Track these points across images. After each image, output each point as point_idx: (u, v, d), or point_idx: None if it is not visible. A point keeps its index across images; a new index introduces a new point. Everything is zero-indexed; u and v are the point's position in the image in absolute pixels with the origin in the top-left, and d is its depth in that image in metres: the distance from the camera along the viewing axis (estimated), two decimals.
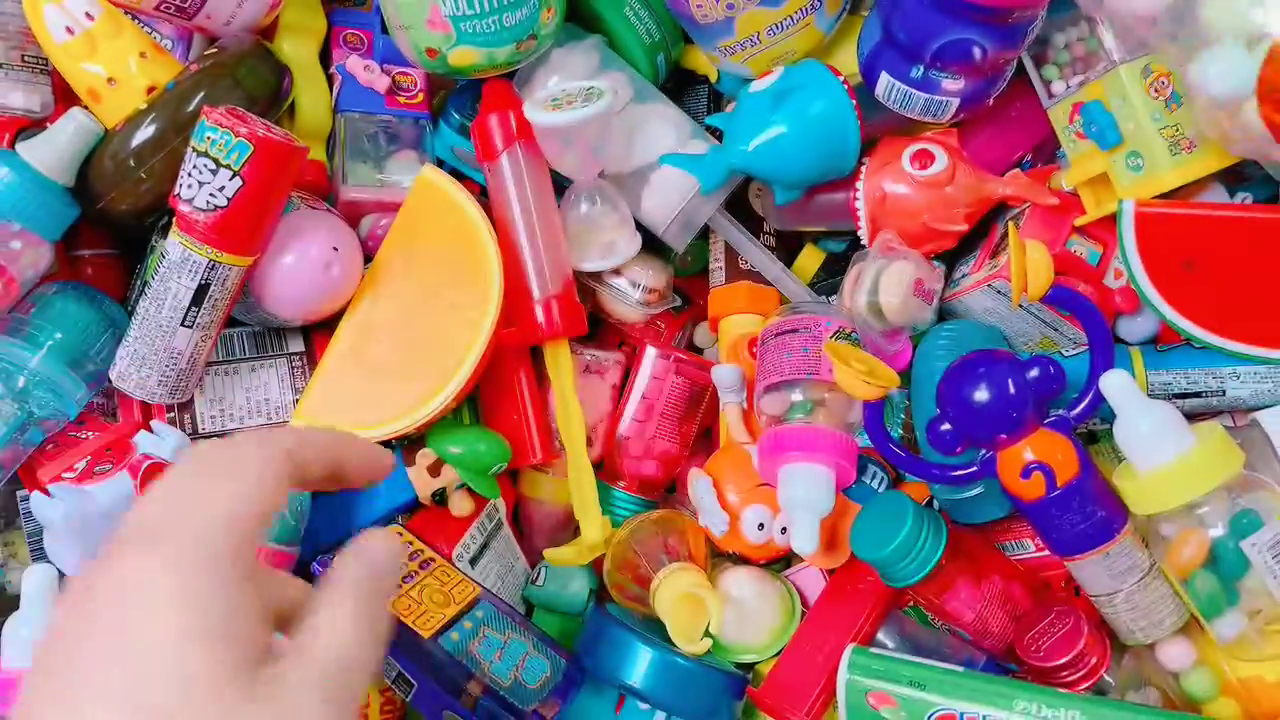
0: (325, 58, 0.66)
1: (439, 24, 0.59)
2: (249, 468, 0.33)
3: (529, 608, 0.67)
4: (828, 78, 0.60)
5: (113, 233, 0.63)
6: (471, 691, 0.53)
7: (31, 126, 0.59)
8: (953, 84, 0.58)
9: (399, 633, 0.52)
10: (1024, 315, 0.61)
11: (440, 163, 0.66)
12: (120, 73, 0.58)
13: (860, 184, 0.62)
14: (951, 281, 0.65)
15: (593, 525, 0.62)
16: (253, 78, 0.57)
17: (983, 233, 0.64)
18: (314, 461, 0.35)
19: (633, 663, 0.57)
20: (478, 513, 0.62)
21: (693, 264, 0.73)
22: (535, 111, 0.59)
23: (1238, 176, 0.59)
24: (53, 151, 0.55)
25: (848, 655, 0.54)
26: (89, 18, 0.57)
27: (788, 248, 0.71)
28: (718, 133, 0.65)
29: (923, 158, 0.60)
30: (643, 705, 0.59)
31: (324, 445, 0.36)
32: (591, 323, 0.65)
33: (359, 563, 0.34)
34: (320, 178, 0.65)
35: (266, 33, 0.63)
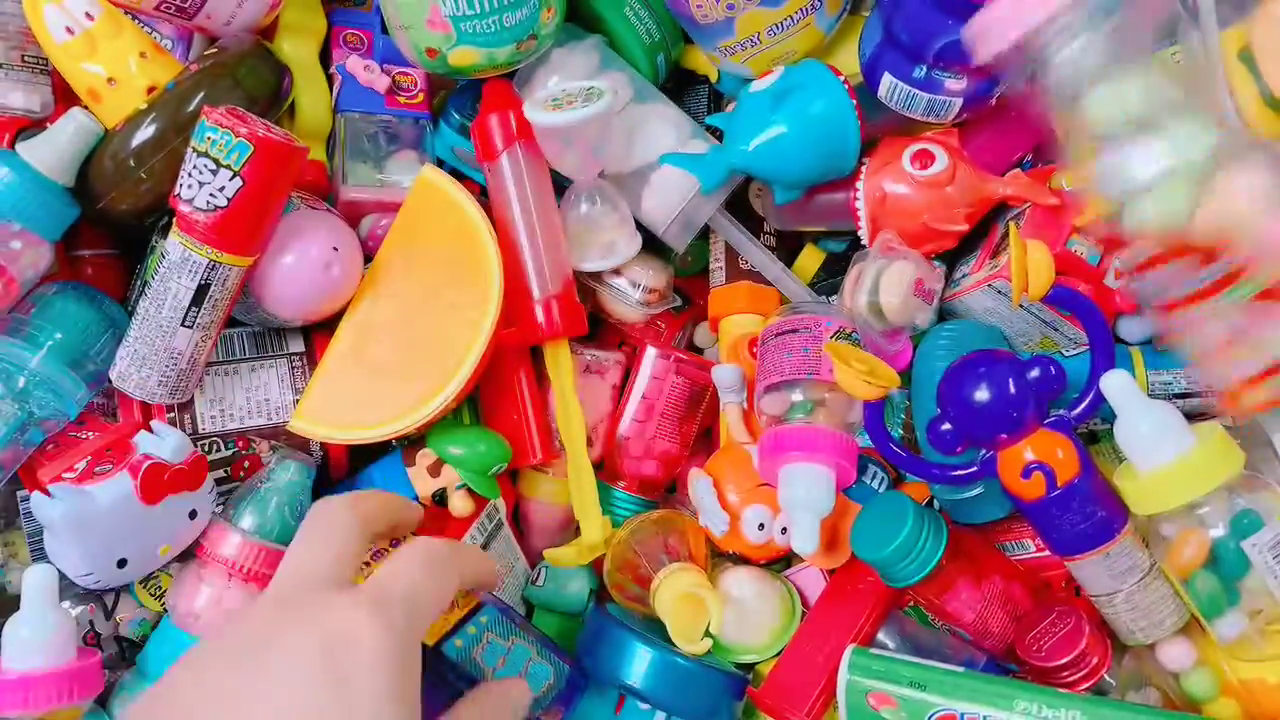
0: (325, 58, 0.66)
1: (439, 24, 0.59)
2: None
3: (529, 608, 0.67)
4: (828, 78, 0.60)
5: (113, 233, 0.63)
6: None
7: (31, 126, 0.59)
8: (956, 84, 0.58)
9: None
10: (1024, 315, 0.61)
11: (440, 163, 0.67)
12: (120, 73, 0.57)
13: (860, 184, 0.62)
14: (952, 281, 0.65)
15: (593, 525, 0.62)
16: (253, 78, 0.57)
17: (983, 233, 0.64)
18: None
19: (633, 663, 0.57)
20: (478, 513, 0.62)
21: (693, 264, 0.73)
22: (535, 111, 0.59)
23: None
24: (53, 151, 0.55)
25: (848, 655, 0.54)
26: (89, 18, 0.57)
27: (788, 248, 0.71)
28: (718, 133, 0.65)
29: (923, 158, 0.60)
30: (643, 705, 0.59)
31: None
32: (591, 323, 0.65)
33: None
34: (320, 178, 0.65)
35: (266, 33, 0.63)
